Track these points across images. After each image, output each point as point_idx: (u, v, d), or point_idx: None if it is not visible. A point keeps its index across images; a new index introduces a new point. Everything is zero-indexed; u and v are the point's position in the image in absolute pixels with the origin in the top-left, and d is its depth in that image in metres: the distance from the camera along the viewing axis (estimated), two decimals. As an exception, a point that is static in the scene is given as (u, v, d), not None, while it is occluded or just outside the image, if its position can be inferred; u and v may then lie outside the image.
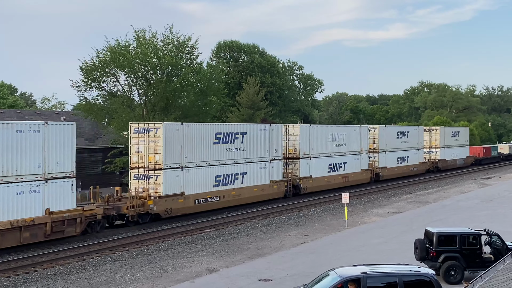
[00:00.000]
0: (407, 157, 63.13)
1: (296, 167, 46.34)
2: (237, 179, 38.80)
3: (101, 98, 48.97)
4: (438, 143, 72.24)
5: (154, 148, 33.18)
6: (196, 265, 23.65)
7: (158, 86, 46.78)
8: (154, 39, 47.86)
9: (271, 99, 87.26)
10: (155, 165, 33.68)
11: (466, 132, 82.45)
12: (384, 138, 59.09)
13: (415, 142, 65.60)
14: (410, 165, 63.81)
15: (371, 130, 58.54)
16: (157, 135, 33.57)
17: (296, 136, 46.27)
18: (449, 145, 74.36)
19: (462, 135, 79.73)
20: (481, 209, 37.77)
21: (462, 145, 79.08)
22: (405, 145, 63.02)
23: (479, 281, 11.61)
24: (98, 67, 46.28)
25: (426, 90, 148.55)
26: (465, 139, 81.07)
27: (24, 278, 22.13)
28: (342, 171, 50.95)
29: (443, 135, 72.97)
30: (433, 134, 72.33)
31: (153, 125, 34.33)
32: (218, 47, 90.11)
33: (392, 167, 60.13)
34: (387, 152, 59.44)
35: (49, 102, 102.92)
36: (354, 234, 29.75)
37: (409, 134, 64.28)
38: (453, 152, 75.20)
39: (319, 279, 14.96)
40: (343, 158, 51.34)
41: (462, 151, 78.88)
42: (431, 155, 71.87)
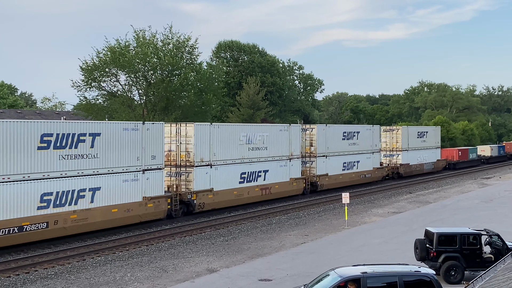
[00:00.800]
0: (357, 162, 53.86)
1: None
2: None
3: (101, 98, 49.06)
4: (400, 145, 62.89)
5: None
6: (196, 265, 23.64)
7: (158, 86, 46.83)
8: (154, 39, 47.91)
9: (271, 99, 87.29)
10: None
11: (437, 132, 72.95)
12: (324, 139, 49.55)
13: (368, 145, 56.11)
14: (360, 172, 54.31)
15: (307, 130, 49.39)
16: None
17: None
18: (414, 147, 64.97)
19: (432, 136, 70.29)
20: (481, 209, 37.76)
21: (431, 147, 69.50)
22: (355, 148, 53.58)
23: (479, 281, 11.60)
24: (98, 67, 46.34)
25: (426, 90, 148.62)
26: (435, 140, 71.71)
27: (24, 278, 22.12)
28: (262, 181, 41.39)
29: (406, 135, 63.62)
30: (394, 134, 63.16)
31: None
32: (218, 47, 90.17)
33: (335, 174, 50.40)
34: (329, 156, 49.99)
35: (49, 102, 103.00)
36: (354, 234, 29.73)
37: (360, 135, 54.75)
38: (419, 155, 65.92)
39: (319, 279, 14.95)
40: (263, 165, 41.67)
41: (431, 154, 69.31)
42: (392, 159, 62.95)
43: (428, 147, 68.44)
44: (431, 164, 68.90)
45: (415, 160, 65.02)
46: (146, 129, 31.99)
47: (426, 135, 68.40)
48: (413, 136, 65.22)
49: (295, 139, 44.90)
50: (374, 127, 58.76)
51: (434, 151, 70.47)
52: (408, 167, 63.51)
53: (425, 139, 67.95)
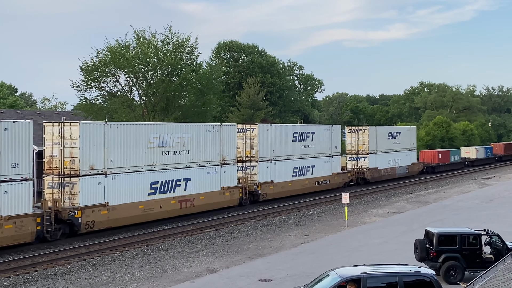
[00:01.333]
0: (312, 167, 47.53)
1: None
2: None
3: (101, 98, 49.03)
4: (367, 147, 56.40)
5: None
6: (196, 265, 23.65)
7: (158, 86, 46.82)
8: (154, 39, 47.90)
9: (271, 99, 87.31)
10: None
11: (412, 133, 66.02)
12: (269, 141, 43.13)
13: (327, 147, 49.80)
14: (316, 178, 48.00)
15: (248, 130, 42.50)
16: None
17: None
18: (384, 149, 58.57)
19: (406, 137, 63.81)
20: (481, 209, 37.76)
21: (405, 149, 62.89)
22: (309, 151, 47.41)
23: (479, 281, 11.60)
24: (98, 67, 46.31)
25: (426, 90, 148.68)
26: (410, 141, 64.79)
27: (24, 278, 22.13)
28: (181, 192, 35.00)
29: (374, 136, 57.15)
30: (360, 135, 56.67)
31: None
32: (218, 47, 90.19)
33: (283, 181, 43.97)
34: (276, 161, 43.57)
35: (49, 102, 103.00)
36: (354, 234, 29.74)
37: (316, 137, 48.39)
38: (390, 158, 59.40)
39: (319, 279, 14.96)
40: (183, 173, 35.26)
41: (404, 157, 62.69)
42: (358, 163, 56.66)
43: (401, 149, 62.05)
44: (404, 168, 62.46)
45: (385, 163, 58.48)
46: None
47: (399, 136, 62.02)
48: (383, 137, 58.92)
49: (229, 141, 38.64)
50: (333, 127, 51.55)
51: (409, 154, 63.89)
52: (376, 172, 57.05)
53: (398, 140, 61.61)
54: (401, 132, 63.28)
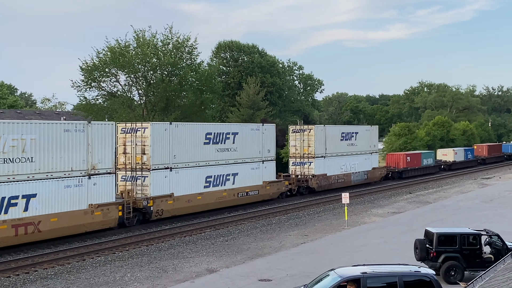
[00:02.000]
0: (234, 176, 39.32)
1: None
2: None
3: (101, 98, 49.06)
4: (312, 150, 48.34)
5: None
6: (196, 265, 23.65)
7: (158, 86, 46.84)
8: (154, 39, 47.93)
9: (271, 99, 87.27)
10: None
11: (373, 133, 58.01)
12: (167, 145, 34.31)
13: (256, 151, 41.34)
14: (239, 188, 39.62)
15: (138, 131, 33.70)
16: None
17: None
18: (336, 152, 51.02)
19: (365, 138, 55.75)
20: (481, 209, 37.76)
21: (364, 152, 55.34)
22: (229, 155, 38.97)
23: (479, 281, 11.60)
24: (98, 67, 46.35)
25: (426, 90, 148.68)
26: (371, 143, 57.01)
27: (24, 278, 22.13)
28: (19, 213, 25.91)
29: (321, 138, 49.15)
30: (305, 136, 48.48)
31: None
32: (218, 47, 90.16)
33: (190, 194, 35.54)
34: (178, 168, 34.83)
35: (49, 102, 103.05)
36: (354, 234, 29.74)
37: (240, 138, 39.86)
38: (344, 163, 51.91)
39: (319, 279, 14.95)
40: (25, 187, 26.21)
41: (363, 161, 55.03)
42: (302, 169, 48.77)
43: (358, 153, 54.33)
44: (363, 174, 54.81)
45: (336, 169, 50.83)
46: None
47: (355, 137, 54.08)
48: (334, 138, 51.05)
49: (102, 144, 29.93)
50: (264, 127, 42.90)
51: (369, 158, 56.13)
52: (325, 179, 49.20)
53: (354, 142, 53.82)
54: (358, 132, 55.11)
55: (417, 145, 79.34)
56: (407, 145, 79.22)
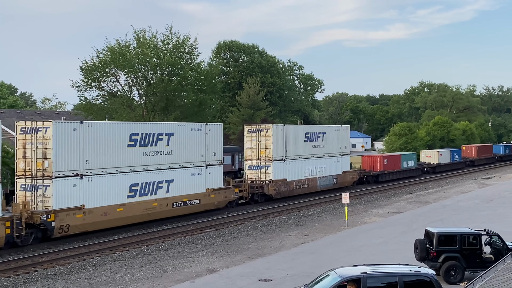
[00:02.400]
0: (169, 183, 33.80)
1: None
2: None
3: (101, 98, 49.05)
4: (270, 153, 42.90)
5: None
6: (196, 265, 23.65)
7: (158, 86, 46.83)
8: (154, 39, 47.93)
9: (271, 99, 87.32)
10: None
11: (344, 134, 52.68)
12: (77, 146, 28.87)
13: (198, 154, 35.87)
14: (174, 198, 34.09)
15: (40, 131, 28.20)
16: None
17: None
18: (299, 155, 45.81)
19: (333, 139, 50.53)
20: (481, 209, 37.75)
21: (333, 154, 50.31)
22: (162, 160, 33.39)
23: (479, 281, 11.60)
24: (98, 67, 46.34)
25: (426, 90, 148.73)
26: (341, 144, 51.66)
27: (24, 278, 22.13)
28: None
29: (280, 138, 43.86)
30: (261, 137, 43.27)
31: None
32: (218, 47, 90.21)
33: (108, 206, 30.06)
34: (92, 176, 29.43)
35: (49, 102, 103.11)
36: (354, 234, 29.73)
37: (174, 140, 34.26)
38: (308, 166, 46.82)
39: (319, 279, 14.95)
40: None
41: (332, 164, 49.97)
42: (259, 173, 43.33)
43: (326, 155, 49.30)
44: (331, 179, 49.68)
45: (299, 173, 45.79)
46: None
47: (322, 137, 48.89)
48: (297, 140, 45.94)
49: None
50: (208, 127, 37.41)
51: (339, 160, 51.15)
52: (285, 185, 43.86)
53: (321, 143, 48.72)
54: (326, 132, 49.71)
55: (417, 145, 79.27)
56: (407, 145, 79.14)
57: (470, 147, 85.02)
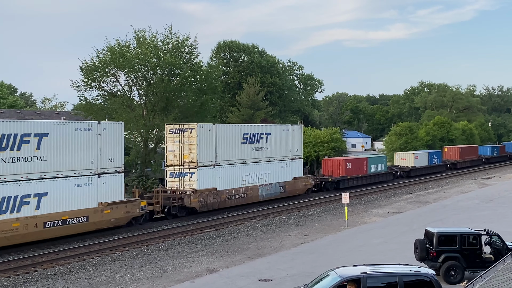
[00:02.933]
0: (40, 197, 26.91)
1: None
2: None
3: (101, 98, 49.00)
4: (195, 157, 36.35)
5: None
6: (196, 265, 23.65)
7: (158, 86, 46.80)
8: (154, 39, 47.90)
9: (271, 99, 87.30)
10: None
11: (295, 134, 45.74)
12: None
13: (81, 160, 29.08)
14: (48, 216, 27.15)
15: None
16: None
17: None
18: (235, 160, 39.25)
19: (281, 141, 43.82)
20: (481, 209, 37.75)
21: (281, 158, 43.64)
22: (27, 168, 26.49)
23: (479, 281, 11.60)
24: (98, 67, 46.29)
25: (426, 90, 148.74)
26: (292, 147, 44.90)
27: (24, 278, 22.14)
28: None
29: (209, 140, 37.26)
30: (185, 139, 36.74)
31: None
32: (218, 47, 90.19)
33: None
34: None
35: (49, 102, 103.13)
36: (354, 234, 29.74)
37: (48, 143, 27.40)
38: (246, 173, 40.11)
39: (319, 279, 14.95)
40: None
41: (279, 170, 43.26)
42: (182, 181, 36.80)
43: (272, 159, 42.57)
44: (277, 186, 42.85)
45: (235, 181, 39.10)
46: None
47: (266, 139, 42.19)
48: (231, 141, 39.14)
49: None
50: (103, 125, 30.65)
51: (288, 165, 44.37)
52: (214, 195, 37.04)
53: (265, 145, 42.06)
54: (271, 133, 42.70)
55: (417, 145, 79.26)
56: (408, 145, 79.15)
57: (452, 149, 78.87)
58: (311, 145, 65.52)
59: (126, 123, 41.80)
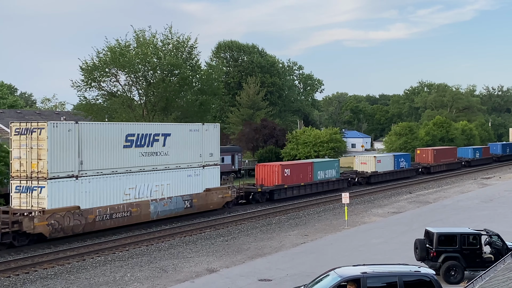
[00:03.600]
0: None
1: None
2: None
3: (101, 98, 49.03)
4: (45, 166, 27.61)
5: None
6: (196, 265, 23.65)
7: (158, 86, 46.82)
8: (154, 39, 47.92)
9: (271, 99, 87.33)
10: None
11: (209, 136, 37.19)
12: None
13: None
14: None
15: None
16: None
17: None
18: (114, 168, 30.81)
19: (187, 144, 35.45)
20: (481, 209, 37.74)
21: (188, 166, 35.40)
22: None
23: (479, 281, 11.60)
24: (98, 67, 46.32)
25: (426, 90, 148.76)
26: (204, 151, 36.61)
27: (24, 278, 22.13)
28: None
29: (69, 143, 28.56)
30: (33, 141, 28.03)
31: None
32: (218, 47, 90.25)
33: None
34: None
35: (49, 102, 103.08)
36: (354, 234, 29.73)
37: None
38: (132, 185, 31.73)
39: (319, 279, 14.95)
40: None
41: (185, 180, 35.10)
42: (30, 198, 28.04)
43: (173, 167, 34.22)
44: (180, 201, 34.47)
45: (113, 196, 30.67)
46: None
47: (164, 141, 33.61)
48: (107, 144, 30.56)
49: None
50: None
51: (199, 174, 36.16)
52: (75, 216, 28.31)
53: (163, 149, 33.51)
54: (170, 134, 34.21)
55: (417, 145, 79.19)
56: (407, 145, 79.14)
57: (425, 151, 70.91)
58: (311, 145, 65.47)
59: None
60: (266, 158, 65.26)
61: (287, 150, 65.36)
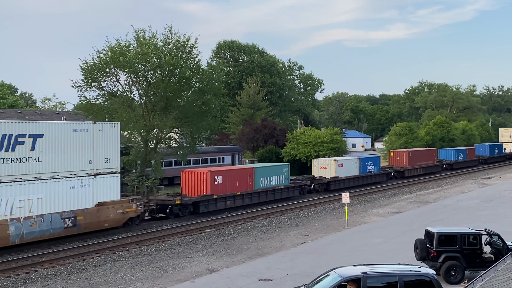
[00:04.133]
0: None
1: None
2: None
3: (102, 98, 48.98)
4: None
5: None
6: (196, 265, 23.65)
7: (158, 86, 46.78)
8: (154, 39, 47.86)
9: (271, 99, 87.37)
10: None
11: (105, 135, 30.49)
12: None
13: None
14: None
15: None
16: None
17: None
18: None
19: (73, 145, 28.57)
20: (482, 209, 37.73)
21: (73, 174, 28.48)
22: None
23: (480, 281, 11.59)
24: (98, 67, 46.25)
25: (427, 90, 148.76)
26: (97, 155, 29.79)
27: (24, 278, 22.13)
28: None
29: None
30: None
31: None
32: (218, 47, 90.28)
33: None
34: None
35: (49, 102, 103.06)
36: (355, 234, 29.72)
37: None
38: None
39: (320, 279, 14.95)
40: None
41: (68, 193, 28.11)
42: None
43: (46, 176, 27.19)
44: (59, 220, 27.48)
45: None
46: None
47: (32, 144, 26.55)
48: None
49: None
50: None
51: (88, 185, 29.22)
52: None
53: (30, 154, 26.35)
54: (43, 135, 27.20)
55: (417, 145, 79.16)
56: (407, 145, 79.05)
57: (400, 153, 63.60)
58: (311, 145, 65.43)
59: (127, 123, 41.76)
60: (266, 158, 65.30)
61: (287, 150, 65.32)
